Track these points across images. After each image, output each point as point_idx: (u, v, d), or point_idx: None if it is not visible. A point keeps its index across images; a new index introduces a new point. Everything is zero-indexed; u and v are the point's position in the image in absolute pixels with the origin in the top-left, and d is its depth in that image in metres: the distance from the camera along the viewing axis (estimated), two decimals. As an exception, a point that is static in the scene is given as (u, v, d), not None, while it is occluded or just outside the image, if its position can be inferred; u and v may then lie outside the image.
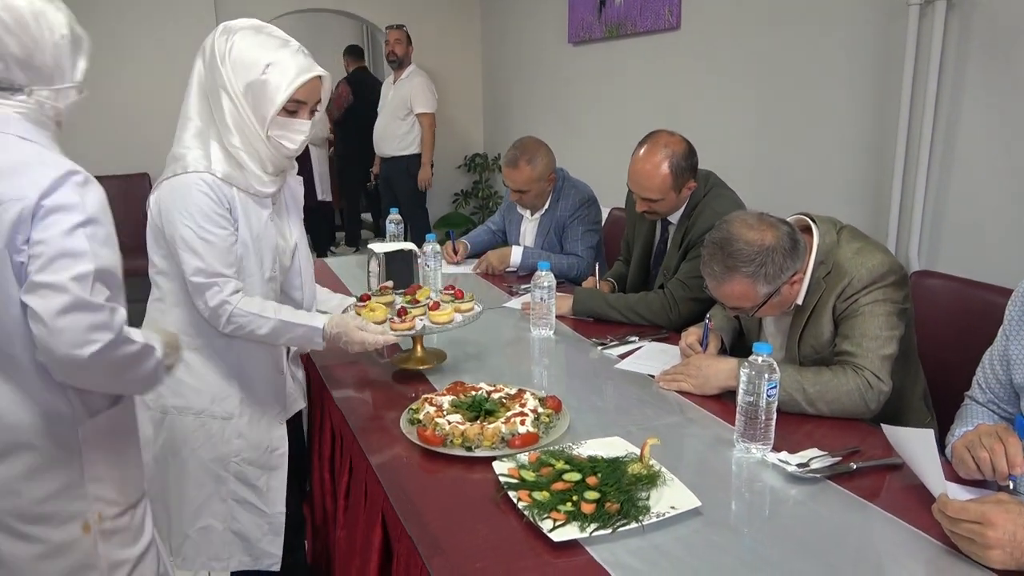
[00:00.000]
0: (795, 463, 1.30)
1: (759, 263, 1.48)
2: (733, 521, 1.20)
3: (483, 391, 1.53)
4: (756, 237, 1.49)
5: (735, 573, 1.05)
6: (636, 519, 1.12)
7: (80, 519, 1.16)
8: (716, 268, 1.51)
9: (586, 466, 1.25)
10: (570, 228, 2.74)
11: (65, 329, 1.03)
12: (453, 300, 1.81)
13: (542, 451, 1.31)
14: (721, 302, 1.59)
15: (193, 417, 1.51)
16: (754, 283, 1.50)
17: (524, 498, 1.17)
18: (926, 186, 2.45)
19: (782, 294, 1.54)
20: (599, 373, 1.81)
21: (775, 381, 1.34)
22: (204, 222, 1.39)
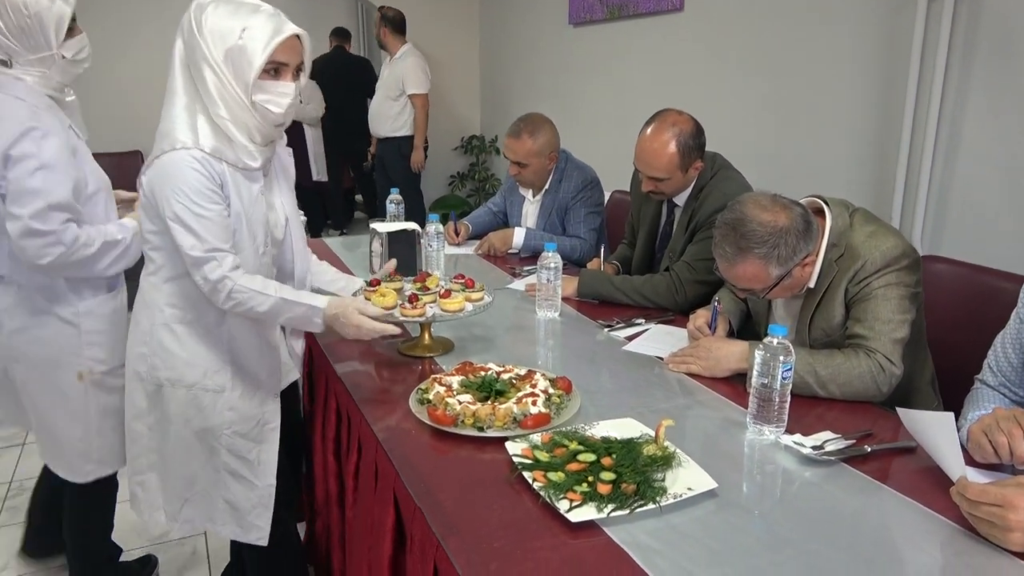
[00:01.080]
0: (810, 445, 1.30)
1: (772, 244, 1.47)
2: (748, 502, 1.19)
3: (492, 371, 1.52)
4: (769, 218, 1.48)
5: (753, 552, 1.05)
6: (653, 500, 1.12)
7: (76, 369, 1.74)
8: (728, 249, 1.50)
9: (600, 447, 1.24)
10: (573, 210, 2.72)
11: (25, 247, 1.56)
12: (464, 289, 1.80)
13: (555, 432, 1.30)
14: (732, 284, 1.58)
15: (185, 390, 1.52)
16: (766, 265, 1.49)
17: (539, 478, 1.16)
18: (931, 172, 2.45)
19: (794, 276, 1.53)
20: (606, 355, 1.81)
21: (790, 363, 1.33)
22: (197, 198, 1.39)
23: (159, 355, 1.51)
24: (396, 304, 1.70)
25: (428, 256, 2.42)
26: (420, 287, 1.77)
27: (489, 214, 3.06)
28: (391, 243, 2.22)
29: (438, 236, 2.44)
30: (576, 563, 1.01)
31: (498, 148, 6.02)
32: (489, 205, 3.11)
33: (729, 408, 1.50)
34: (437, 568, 1.06)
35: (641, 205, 2.40)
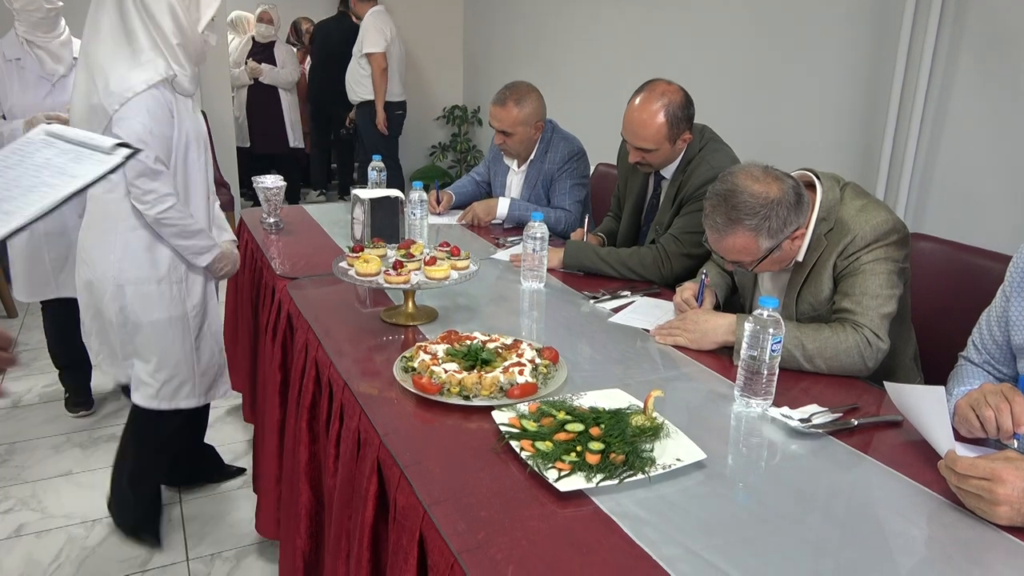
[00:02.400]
0: (797, 418, 1.30)
1: (763, 216, 1.46)
2: (736, 474, 1.19)
3: (478, 340, 1.50)
4: (761, 190, 1.46)
5: (742, 523, 1.04)
6: (642, 470, 1.10)
7: None
8: (719, 220, 1.48)
9: (588, 417, 1.22)
10: (558, 181, 2.69)
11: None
12: (449, 256, 1.77)
13: (543, 401, 1.28)
14: (721, 256, 1.57)
15: (156, 285, 1.88)
16: (757, 237, 1.47)
17: (527, 448, 1.14)
18: (916, 150, 2.45)
19: (783, 249, 1.52)
20: (592, 327, 1.79)
21: (780, 336, 1.32)
22: (151, 122, 1.74)
23: (128, 258, 1.85)
24: (380, 271, 1.67)
25: (411, 225, 2.39)
26: (404, 254, 1.74)
27: (472, 184, 3.02)
28: (373, 210, 2.18)
29: (421, 204, 2.39)
30: (565, 532, 1.00)
31: (481, 119, 5.94)
32: (473, 175, 3.07)
33: (716, 380, 1.49)
34: (423, 536, 1.04)
35: (628, 177, 2.37)
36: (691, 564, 0.95)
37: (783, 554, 0.98)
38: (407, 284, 1.66)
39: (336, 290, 1.98)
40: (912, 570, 0.97)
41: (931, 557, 0.99)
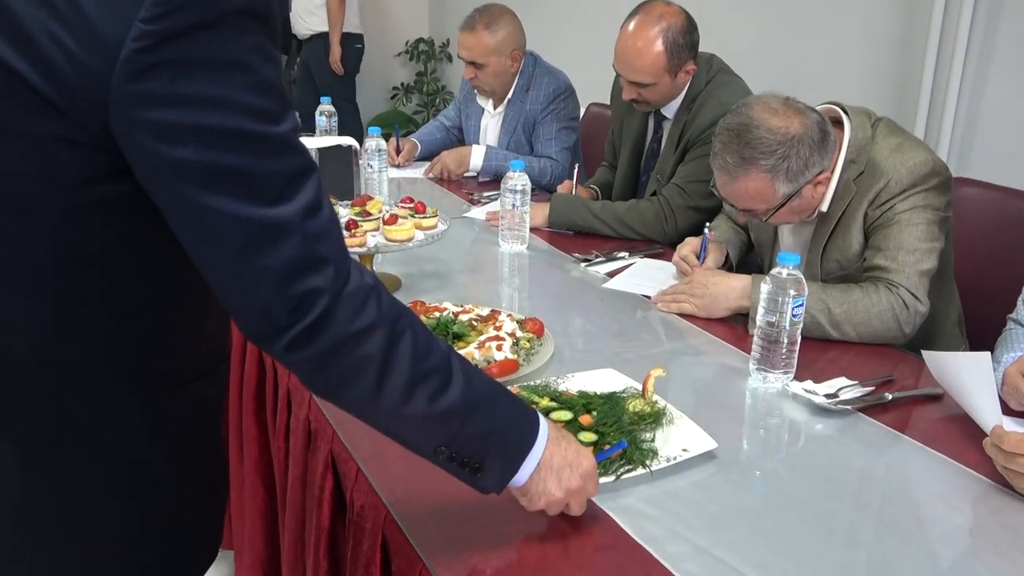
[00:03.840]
0: (822, 393, 1.31)
1: (781, 156, 1.45)
2: (752, 459, 1.20)
3: (449, 312, 1.49)
4: (780, 124, 1.46)
5: (759, 514, 1.05)
6: (642, 464, 1.10)
7: None
8: (730, 159, 1.48)
9: (577, 403, 1.21)
10: (542, 125, 2.67)
11: None
12: (413, 214, 1.75)
13: (523, 386, 1.27)
14: (731, 202, 1.56)
15: None
16: (773, 180, 1.47)
17: None
18: (961, 80, 2.45)
19: (803, 196, 1.52)
20: (583, 294, 1.79)
21: (802, 299, 1.33)
22: None
23: None
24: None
25: (367, 179, 2.37)
26: (359, 212, 1.72)
27: (441, 130, 2.99)
28: (322, 161, 2.14)
29: (379, 154, 2.37)
30: (552, 532, 1.00)
31: (450, 54, 5.87)
32: (441, 119, 3.04)
33: (728, 352, 1.50)
34: (386, 540, 1.04)
35: (623, 118, 2.36)
36: (699, 562, 0.96)
37: (806, 548, 0.99)
38: (363, 247, 1.64)
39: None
40: (955, 562, 0.98)
41: (976, 547, 1.01)
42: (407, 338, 0.80)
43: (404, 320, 0.81)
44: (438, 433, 0.85)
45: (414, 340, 0.80)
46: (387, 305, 0.79)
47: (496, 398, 0.88)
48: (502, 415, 0.88)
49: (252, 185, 0.71)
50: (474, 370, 0.88)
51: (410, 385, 0.80)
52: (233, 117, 0.69)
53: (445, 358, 0.83)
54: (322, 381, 0.79)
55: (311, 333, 0.74)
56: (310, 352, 0.75)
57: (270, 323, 0.74)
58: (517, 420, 0.91)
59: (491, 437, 0.87)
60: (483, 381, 0.88)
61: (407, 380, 0.80)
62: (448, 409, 0.82)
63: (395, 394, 0.80)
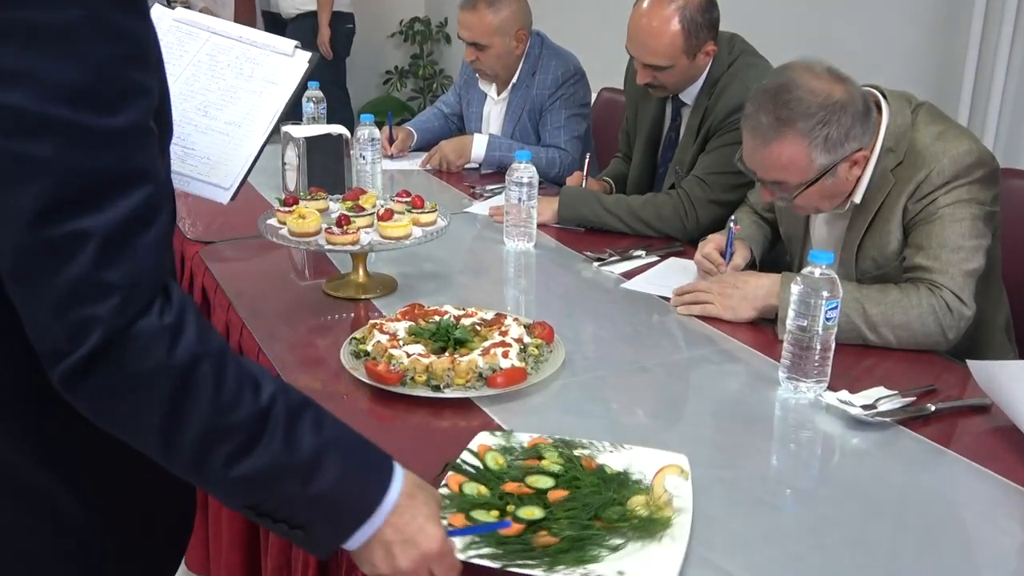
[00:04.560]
0: (859, 404, 1.31)
1: (821, 120, 1.45)
2: (782, 476, 1.20)
3: (450, 316, 1.49)
4: (823, 87, 1.47)
5: (790, 537, 1.05)
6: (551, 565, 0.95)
7: None
8: (764, 120, 1.48)
9: (569, 476, 1.07)
10: (550, 112, 2.67)
11: None
12: (410, 209, 1.75)
13: (556, 441, 1.16)
14: (757, 175, 1.55)
15: None
16: (810, 147, 1.47)
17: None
18: (1008, 62, 2.45)
19: (837, 176, 1.52)
20: (597, 296, 1.80)
21: (836, 300, 1.33)
22: None
23: None
24: (319, 229, 1.65)
25: (360, 170, 2.37)
26: (352, 207, 1.73)
27: (439, 118, 3.00)
28: (310, 151, 2.16)
29: (372, 144, 2.38)
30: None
31: (449, 35, 5.88)
32: (439, 106, 3.04)
33: (756, 359, 1.50)
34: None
35: (638, 105, 2.36)
36: (726, 589, 0.96)
37: (842, 573, 0.99)
38: (356, 245, 1.65)
39: (264, 256, 1.97)
40: (1005, 589, 0.98)
41: (1028, 572, 1.01)
42: (206, 387, 0.75)
43: (207, 366, 0.75)
44: (241, 495, 0.82)
45: (216, 390, 0.76)
46: (187, 347, 0.74)
47: (330, 456, 0.83)
48: (333, 476, 0.82)
49: (57, 184, 0.67)
50: (310, 422, 0.82)
51: (204, 442, 0.76)
52: (41, 98, 0.65)
53: (259, 413, 0.78)
54: (105, 422, 0.76)
55: (88, 366, 0.71)
56: (87, 388, 0.73)
57: (48, 345, 0.71)
58: (357, 481, 0.85)
59: (318, 500, 0.82)
60: (318, 435, 0.82)
61: (199, 436, 0.76)
62: (249, 475, 0.78)
63: (184, 449, 0.76)
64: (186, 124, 1.10)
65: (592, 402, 1.38)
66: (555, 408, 1.34)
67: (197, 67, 1.27)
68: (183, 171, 1.19)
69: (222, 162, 1.22)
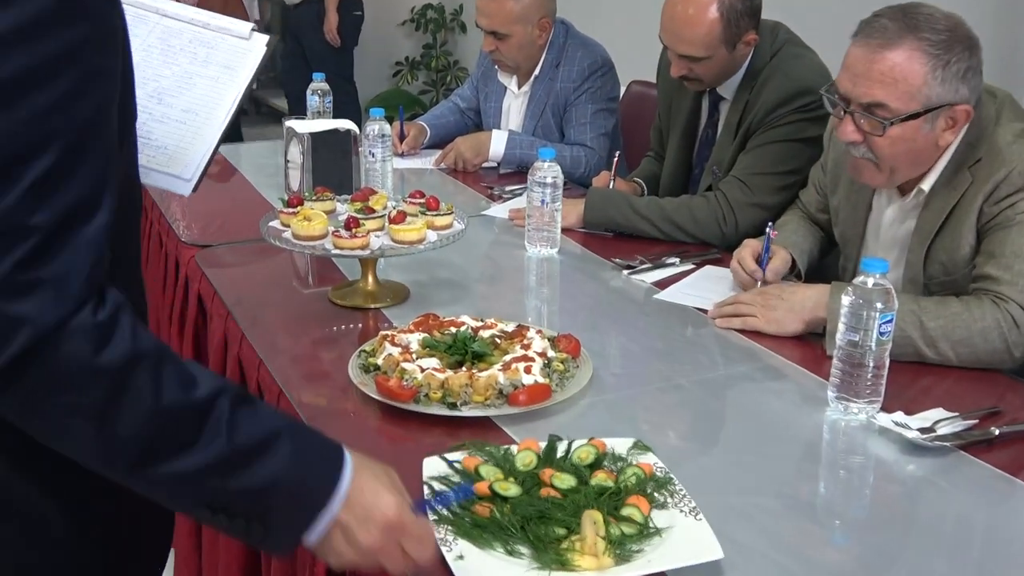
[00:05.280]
0: (916, 427, 1.30)
1: (948, 44, 1.47)
2: (831, 505, 1.20)
3: (467, 327, 1.50)
4: (953, 22, 1.50)
5: (840, 573, 1.05)
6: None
7: None
8: (890, 24, 1.49)
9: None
10: (575, 106, 2.68)
11: None
12: (424, 211, 1.76)
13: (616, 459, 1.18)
14: (851, 93, 1.53)
15: None
16: (928, 65, 1.47)
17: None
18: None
19: (935, 128, 1.51)
20: (627, 307, 1.80)
21: (891, 313, 1.32)
22: None
23: None
24: (326, 232, 1.66)
25: (369, 169, 2.38)
26: (361, 208, 1.74)
27: (454, 112, 3.01)
28: (315, 148, 2.17)
29: (383, 140, 2.39)
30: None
31: (464, 23, 5.91)
32: (454, 100, 3.05)
33: (802, 377, 1.50)
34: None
35: (672, 99, 2.36)
36: (771, 628, 0.96)
37: (899, 613, 0.99)
38: (365, 250, 1.66)
39: (265, 261, 1.98)
40: (1079, 632, 0.97)
41: (1105, 614, 1.00)
42: (143, 389, 0.77)
43: (144, 367, 0.78)
44: (191, 494, 0.84)
45: (154, 391, 0.78)
46: (122, 347, 0.76)
47: (279, 445, 0.85)
48: (284, 464, 0.85)
49: None
50: (254, 413, 0.86)
51: (145, 445, 0.79)
52: None
53: (201, 410, 0.81)
54: (35, 427, 0.78)
55: (15, 368, 0.72)
56: (14, 391, 0.74)
57: None
58: (309, 467, 0.88)
59: (272, 489, 0.85)
60: (264, 424, 0.86)
61: (140, 439, 0.78)
62: (196, 472, 0.81)
63: (124, 454, 0.79)
64: (141, 112, 1.12)
65: (621, 423, 1.38)
66: (582, 429, 1.33)
67: (148, 52, 1.29)
68: (141, 161, 1.21)
69: (180, 152, 1.24)
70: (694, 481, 1.14)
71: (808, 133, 2.01)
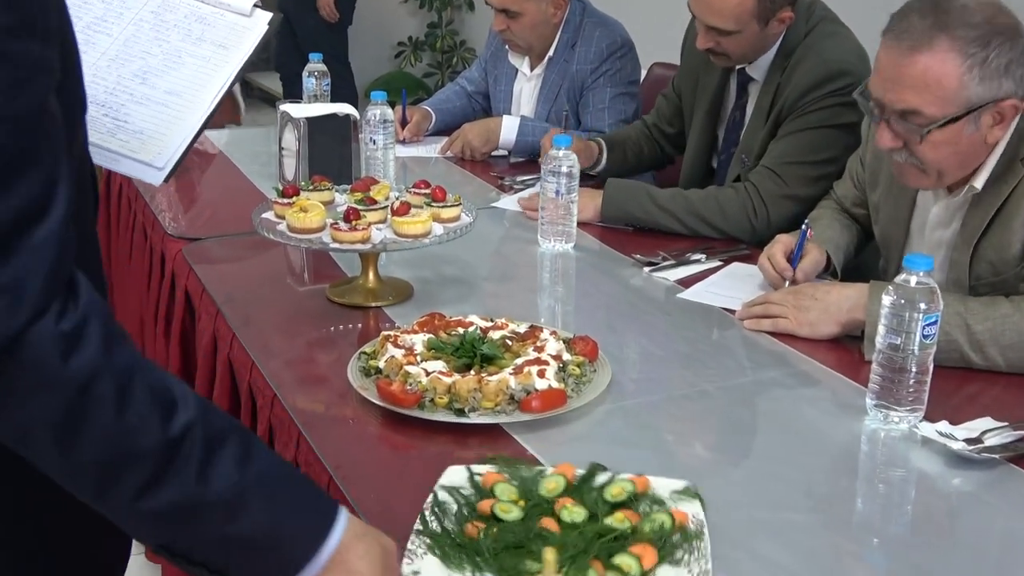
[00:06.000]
0: (962, 438, 1.29)
1: (984, 38, 1.45)
2: (869, 521, 1.20)
3: (476, 327, 1.50)
4: (989, 8, 1.47)
5: (880, 596, 1.05)
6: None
7: None
8: (917, 22, 1.47)
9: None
10: (593, 91, 2.68)
11: None
12: (430, 202, 1.76)
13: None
14: (884, 97, 1.51)
15: None
16: (964, 66, 1.45)
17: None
18: None
19: (979, 127, 1.49)
20: (648, 307, 1.80)
21: (935, 315, 1.32)
22: None
23: None
24: (324, 224, 1.67)
25: (369, 157, 2.39)
26: (361, 199, 1.74)
27: (462, 96, 3.01)
28: (312, 134, 2.18)
29: (384, 126, 2.39)
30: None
31: (472, 0, 5.91)
32: (461, 83, 3.06)
33: (838, 383, 1.49)
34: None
35: (698, 75, 2.35)
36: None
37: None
38: (366, 244, 1.66)
39: (258, 256, 1.99)
40: None
41: None
42: (105, 406, 0.77)
43: (108, 381, 0.77)
44: (152, 532, 0.84)
45: (118, 410, 0.77)
46: (86, 358, 0.76)
47: (257, 494, 0.84)
48: (260, 518, 0.84)
49: None
50: (233, 454, 0.83)
51: (105, 468, 0.78)
52: None
53: (169, 440, 0.79)
54: (3, 436, 0.78)
55: None
56: None
57: None
58: (289, 525, 0.86)
59: (240, 543, 0.84)
60: (243, 469, 0.83)
61: (100, 461, 0.78)
62: (159, 511, 0.80)
63: (85, 474, 0.79)
64: (121, 92, 1.10)
65: (642, 431, 1.39)
66: (599, 438, 1.34)
67: (139, 27, 1.26)
68: (111, 147, 1.17)
69: (157, 137, 1.21)
70: (720, 495, 1.15)
71: (844, 119, 2.00)
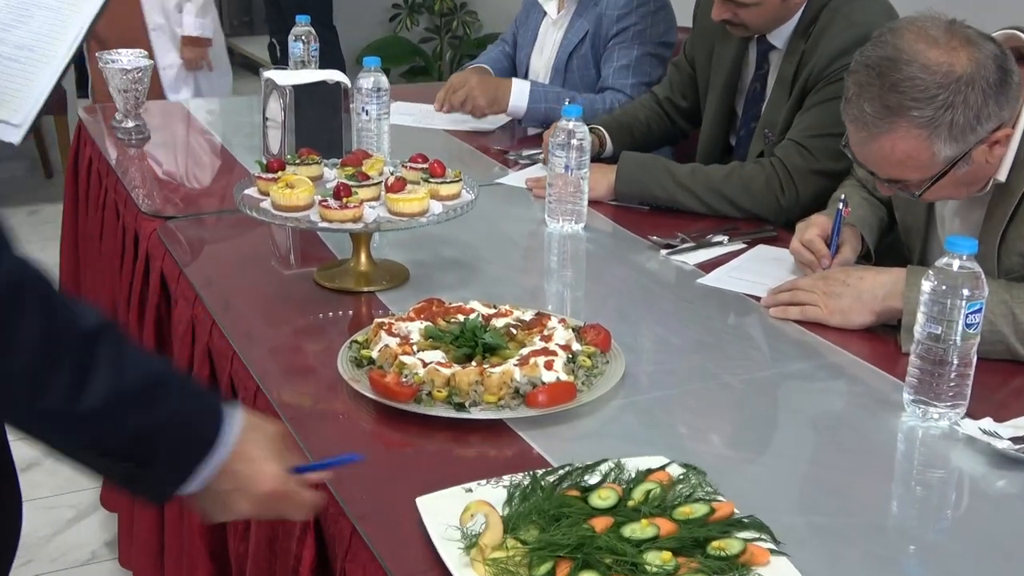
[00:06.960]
0: (1007, 436, 1.30)
1: (943, 104, 1.45)
2: (907, 527, 1.20)
3: (477, 315, 1.50)
4: (941, 59, 1.46)
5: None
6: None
7: None
8: (869, 109, 1.48)
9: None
10: (618, 45, 2.65)
11: None
12: (427, 178, 1.76)
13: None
14: (869, 169, 1.56)
15: None
16: (931, 138, 1.47)
17: None
18: None
19: (974, 162, 1.52)
20: (665, 293, 1.80)
21: (980, 302, 1.32)
22: None
23: None
24: (312, 201, 1.67)
25: (362, 129, 2.39)
26: (353, 174, 1.75)
27: (508, 58, 2.99)
28: (299, 104, 2.18)
29: (378, 95, 2.39)
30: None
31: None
32: (503, 43, 3.05)
33: (872, 376, 1.50)
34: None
35: (714, 45, 2.34)
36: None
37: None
38: (358, 223, 1.66)
39: (240, 236, 2.00)
40: None
41: None
42: (33, 310, 0.87)
43: (30, 288, 0.88)
44: (88, 433, 0.93)
45: (46, 314, 0.88)
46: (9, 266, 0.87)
47: (169, 383, 0.99)
48: (175, 405, 0.98)
49: None
50: (141, 349, 1.01)
51: (36, 373, 0.87)
52: None
53: (90, 338, 0.91)
54: None
55: None
56: None
57: None
58: (198, 409, 1.01)
59: (162, 430, 0.96)
60: (152, 362, 1.01)
61: (31, 365, 0.87)
62: (92, 409, 0.90)
63: (16, 383, 0.88)
64: None
65: (657, 427, 1.39)
66: (611, 435, 1.35)
67: None
68: None
69: (12, 94, 1.27)
70: (742, 496, 1.15)
71: None
